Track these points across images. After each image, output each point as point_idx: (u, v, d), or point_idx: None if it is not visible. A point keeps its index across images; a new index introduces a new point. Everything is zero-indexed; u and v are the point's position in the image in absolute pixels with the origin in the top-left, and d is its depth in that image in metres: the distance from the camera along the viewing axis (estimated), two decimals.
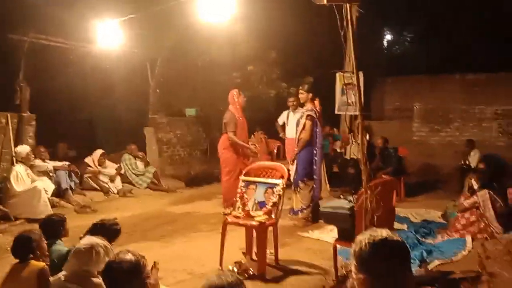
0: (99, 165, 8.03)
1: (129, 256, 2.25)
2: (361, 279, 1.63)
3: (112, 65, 8.71)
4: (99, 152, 8.11)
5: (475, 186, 5.60)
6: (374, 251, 1.62)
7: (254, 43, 9.93)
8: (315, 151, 6.23)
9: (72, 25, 7.43)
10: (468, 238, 5.12)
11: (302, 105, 6.67)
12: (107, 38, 6.80)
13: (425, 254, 4.69)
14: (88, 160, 8.04)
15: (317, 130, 6.23)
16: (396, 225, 5.35)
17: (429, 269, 4.37)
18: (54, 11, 7.08)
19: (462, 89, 11.18)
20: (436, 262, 4.53)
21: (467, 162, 8.53)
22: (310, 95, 6.31)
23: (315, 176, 6.24)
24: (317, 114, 6.24)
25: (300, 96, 6.45)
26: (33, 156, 6.84)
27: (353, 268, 1.67)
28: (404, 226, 5.84)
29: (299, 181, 6.21)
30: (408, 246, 1.71)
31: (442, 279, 4.07)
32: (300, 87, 6.58)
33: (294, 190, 6.27)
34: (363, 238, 1.66)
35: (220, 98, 9.85)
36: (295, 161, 6.29)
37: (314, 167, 6.24)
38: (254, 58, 10.07)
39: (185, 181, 9.34)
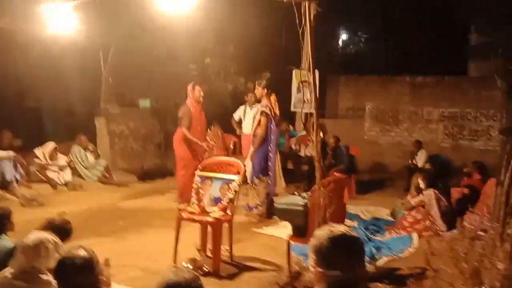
0: (50, 159, 7.67)
1: (82, 252, 2.19)
2: (319, 273, 1.68)
3: (62, 51, 8.30)
4: (51, 145, 7.74)
5: (422, 186, 5.87)
6: (333, 245, 1.68)
7: (212, 36, 9.83)
8: (270, 148, 6.28)
9: (20, 6, 7.02)
10: (415, 236, 5.36)
11: (259, 100, 6.69)
12: (58, 21, 6.47)
13: (374, 250, 4.86)
14: (37, 151, 7.65)
15: (272, 126, 6.28)
16: (347, 221, 5.49)
17: (378, 265, 4.53)
18: None
19: (411, 90, 11.63)
20: (385, 259, 4.71)
21: (414, 162, 8.90)
22: (266, 90, 6.33)
23: (270, 173, 6.29)
24: (272, 111, 6.28)
25: (256, 91, 6.47)
26: None
27: (311, 262, 1.72)
28: (355, 223, 6.01)
29: (254, 177, 6.23)
30: None
31: (390, 275, 4.24)
32: (257, 83, 6.59)
33: (250, 186, 6.29)
34: (322, 233, 1.72)
35: (176, 90, 9.69)
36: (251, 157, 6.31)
37: (269, 163, 6.29)
38: (212, 51, 9.97)
39: (138, 175, 9.10)
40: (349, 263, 1.67)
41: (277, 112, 6.35)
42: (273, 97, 6.37)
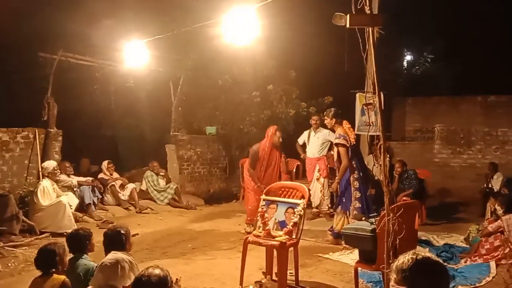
0: (110, 174, 8.18)
1: (158, 271, 2.33)
2: None
3: (136, 83, 8.94)
4: (105, 162, 8.25)
5: (500, 211, 5.51)
6: (417, 266, 1.74)
7: (274, 62, 10.07)
8: (354, 178, 6.05)
9: (99, 44, 7.71)
10: (492, 264, 5.03)
11: (324, 125, 6.65)
12: (133, 57, 7.00)
13: None
14: (101, 174, 8.18)
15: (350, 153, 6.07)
16: (418, 248, 5.28)
17: None
18: (83, 31, 7.36)
19: (484, 110, 11.06)
20: None
21: (489, 186, 8.39)
22: (335, 119, 6.20)
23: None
24: (349, 138, 6.08)
25: (327, 123, 6.37)
26: (59, 171, 6.99)
27: (392, 281, 1.78)
28: (426, 250, 5.75)
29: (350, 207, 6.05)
30: None
31: None
32: (325, 114, 6.49)
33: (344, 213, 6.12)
34: (406, 255, 1.79)
35: (240, 116, 10.00)
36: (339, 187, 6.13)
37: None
38: (274, 78, 10.18)
39: (205, 199, 9.42)
40: (432, 285, 1.71)
41: (352, 137, 6.15)
42: (345, 124, 6.20)
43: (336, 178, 6.10)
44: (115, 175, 8.30)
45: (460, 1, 12.64)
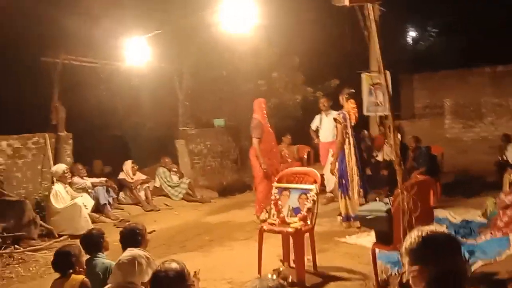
0: (133, 174, 8.22)
1: (174, 265, 2.34)
2: (416, 270, 1.70)
3: (140, 80, 8.93)
4: (128, 163, 8.29)
5: None
6: (425, 242, 1.70)
7: (276, 49, 9.98)
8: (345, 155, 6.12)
9: (100, 44, 7.69)
10: None
11: (333, 107, 6.66)
12: (135, 54, 6.99)
13: (467, 254, 4.55)
14: (122, 175, 8.23)
15: (348, 132, 6.12)
16: (435, 225, 5.23)
17: (473, 270, 4.25)
18: (82, 32, 7.34)
19: (492, 81, 10.89)
20: (480, 263, 4.40)
21: (504, 158, 8.27)
22: (344, 98, 6.24)
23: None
24: (348, 115, 6.13)
25: (340, 100, 6.42)
26: (70, 173, 7.03)
27: (406, 264, 1.74)
28: (444, 227, 5.67)
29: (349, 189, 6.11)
30: None
31: (487, 279, 3.96)
32: (341, 92, 6.52)
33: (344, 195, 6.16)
34: (411, 234, 1.75)
35: (247, 106, 9.92)
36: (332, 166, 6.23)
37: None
38: (278, 65, 10.11)
39: (218, 191, 9.44)
40: (445, 257, 1.68)
41: (353, 117, 6.19)
42: (351, 103, 6.22)
43: (333, 156, 6.15)
44: (138, 175, 8.34)
45: None
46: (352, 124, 6.13)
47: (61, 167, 6.94)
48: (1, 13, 6.45)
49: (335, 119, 6.22)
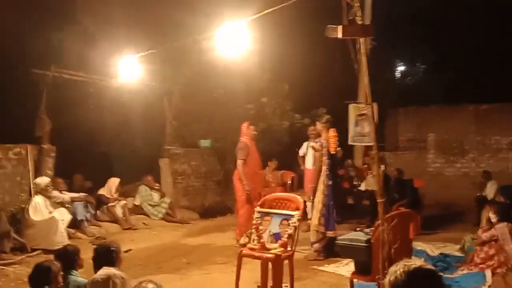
0: (115, 192, 8.11)
1: (151, 285, 2.29)
2: None
3: (130, 98, 8.93)
4: (116, 180, 8.19)
5: (493, 219, 5.51)
6: (410, 279, 1.67)
7: (268, 75, 10.13)
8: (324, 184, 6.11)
9: (92, 60, 7.71)
10: (488, 273, 5.01)
11: (319, 136, 6.68)
12: (126, 72, 7.01)
13: None
14: (102, 191, 8.11)
15: (323, 159, 6.13)
16: (413, 258, 5.25)
17: None
18: (76, 47, 7.38)
19: (476, 119, 11.14)
20: None
21: (484, 194, 8.40)
22: (323, 125, 6.27)
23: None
24: (326, 145, 6.13)
25: (316, 127, 6.46)
26: (52, 187, 6.93)
27: None
28: (422, 260, 5.70)
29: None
30: None
31: None
32: (317, 119, 6.60)
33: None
34: (397, 268, 1.72)
35: (235, 130, 9.97)
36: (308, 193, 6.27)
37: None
38: (268, 90, 10.24)
39: (199, 213, 9.36)
40: None
41: (333, 146, 6.20)
42: (331, 132, 6.26)
43: (310, 183, 6.16)
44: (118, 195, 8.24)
45: (448, 12, 12.82)
46: (332, 153, 6.16)
47: (44, 180, 6.83)
48: None
49: (312, 147, 6.27)
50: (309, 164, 7.82)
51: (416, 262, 1.74)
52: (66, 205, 7.11)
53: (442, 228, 7.94)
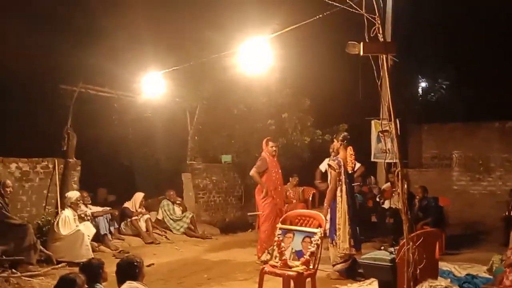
0: (139, 207, 8.19)
1: None
2: None
3: (153, 113, 9.10)
4: (140, 195, 8.29)
5: None
6: None
7: (289, 91, 10.17)
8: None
9: (118, 76, 7.93)
10: None
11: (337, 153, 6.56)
12: (150, 88, 7.16)
13: None
14: (127, 204, 8.21)
15: (342, 179, 5.98)
16: (439, 279, 5.13)
17: None
18: (102, 63, 7.60)
19: (502, 136, 10.91)
20: None
21: (511, 213, 8.17)
22: (341, 143, 6.14)
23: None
24: (343, 164, 6.00)
25: (334, 145, 6.35)
26: (81, 201, 7.04)
27: None
28: (448, 281, 5.57)
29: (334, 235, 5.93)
30: None
31: None
32: (335, 136, 6.52)
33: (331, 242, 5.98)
34: (421, 285, 1.72)
35: (256, 145, 10.02)
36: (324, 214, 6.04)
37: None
38: (289, 106, 10.26)
39: (220, 228, 9.37)
40: None
41: (350, 165, 6.07)
42: (349, 150, 6.13)
43: (325, 203, 5.97)
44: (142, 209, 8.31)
45: (471, 28, 12.70)
46: (349, 172, 6.00)
47: (75, 194, 6.94)
48: (30, 40, 6.71)
49: (329, 165, 6.09)
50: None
51: (442, 282, 1.72)
52: (86, 219, 7.20)
53: (467, 248, 7.74)
